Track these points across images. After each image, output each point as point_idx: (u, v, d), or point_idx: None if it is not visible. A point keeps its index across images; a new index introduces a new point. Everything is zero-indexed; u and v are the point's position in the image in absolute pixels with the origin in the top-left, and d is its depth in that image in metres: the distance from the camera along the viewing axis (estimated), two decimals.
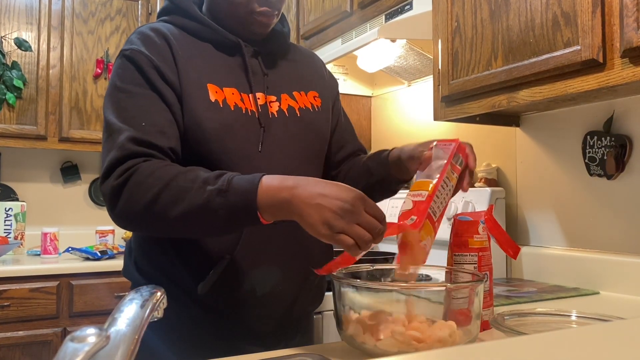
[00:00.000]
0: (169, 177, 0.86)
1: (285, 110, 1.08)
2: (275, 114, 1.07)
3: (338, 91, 1.28)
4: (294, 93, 1.12)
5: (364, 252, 0.80)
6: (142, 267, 1.07)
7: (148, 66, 0.98)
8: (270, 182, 0.83)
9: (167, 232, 0.95)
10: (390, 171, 1.09)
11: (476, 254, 0.98)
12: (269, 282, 1.01)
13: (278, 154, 1.05)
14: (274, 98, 1.08)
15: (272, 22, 1.09)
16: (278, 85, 1.10)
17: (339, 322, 0.87)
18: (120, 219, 0.91)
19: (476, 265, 0.98)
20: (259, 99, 1.05)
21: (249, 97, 1.05)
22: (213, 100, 1.00)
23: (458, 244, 0.99)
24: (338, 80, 1.33)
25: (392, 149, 1.11)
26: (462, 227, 1.00)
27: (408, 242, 0.87)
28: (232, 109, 1.01)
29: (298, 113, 1.10)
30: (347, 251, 0.80)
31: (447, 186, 0.94)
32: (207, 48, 1.06)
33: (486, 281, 0.95)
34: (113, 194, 0.89)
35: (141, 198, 0.87)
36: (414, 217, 0.86)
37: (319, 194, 0.79)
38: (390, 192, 1.17)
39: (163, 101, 0.97)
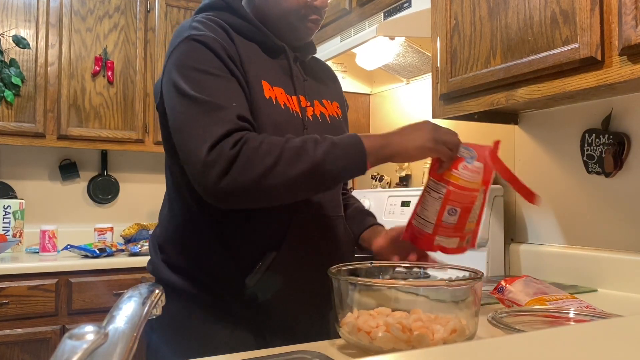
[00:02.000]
0: (282, 142, 0.92)
1: (318, 116, 1.14)
2: (311, 117, 1.11)
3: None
4: (324, 101, 1.18)
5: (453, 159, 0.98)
6: (175, 264, 1.08)
7: (223, 53, 0.99)
8: (363, 134, 0.97)
9: (278, 194, 0.93)
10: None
11: (445, 186, 0.98)
12: (310, 278, 1.04)
13: None
14: (309, 103, 1.13)
15: (317, 29, 1.15)
16: (313, 91, 1.16)
17: (337, 319, 0.87)
18: (229, 188, 0.90)
19: (442, 197, 0.98)
20: (301, 101, 1.10)
21: (292, 98, 1.09)
22: (267, 97, 1.04)
23: (436, 169, 1.01)
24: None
25: (367, 230, 1.22)
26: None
27: None
28: (283, 107, 1.06)
29: (328, 120, 1.16)
30: (443, 158, 0.98)
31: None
32: (254, 48, 1.09)
33: (455, 216, 0.98)
34: (229, 162, 0.89)
35: (260, 162, 0.89)
36: None
37: (407, 127, 0.98)
38: None
39: (240, 87, 0.99)
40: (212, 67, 0.97)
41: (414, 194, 2.08)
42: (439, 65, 1.63)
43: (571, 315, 0.96)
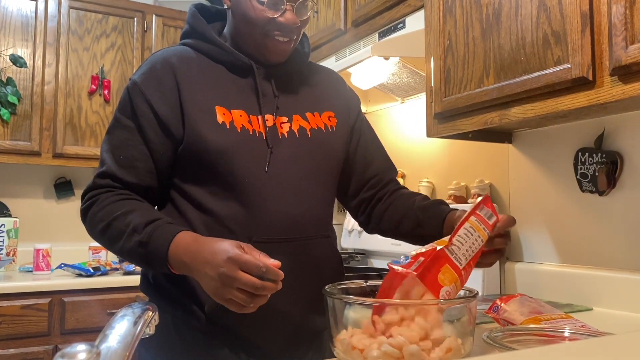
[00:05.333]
0: (113, 217, 0.99)
1: (295, 131, 1.10)
2: (286, 134, 1.09)
3: (359, 108, 1.29)
4: (307, 114, 1.14)
5: (257, 305, 0.87)
6: (160, 282, 1.09)
7: (139, 99, 1.05)
8: (180, 241, 0.93)
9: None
10: (442, 232, 1.10)
11: (487, 231, 0.94)
12: (276, 303, 1.00)
13: (285, 174, 1.06)
14: (285, 119, 1.10)
15: (288, 49, 1.10)
16: (291, 106, 1.12)
17: (331, 338, 0.87)
18: (88, 232, 1.07)
19: (482, 242, 0.94)
20: (267, 120, 1.08)
21: (257, 118, 1.07)
22: (220, 122, 1.03)
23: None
24: None
25: (451, 210, 1.12)
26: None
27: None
28: (239, 130, 1.04)
29: (309, 134, 1.12)
30: (235, 307, 0.87)
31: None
32: (220, 70, 1.09)
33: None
34: (81, 216, 1.07)
35: (95, 227, 1.03)
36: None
37: (206, 261, 0.88)
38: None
39: (142, 135, 1.04)
40: (125, 115, 1.06)
41: None
42: (432, 85, 1.64)
43: (566, 334, 0.96)
